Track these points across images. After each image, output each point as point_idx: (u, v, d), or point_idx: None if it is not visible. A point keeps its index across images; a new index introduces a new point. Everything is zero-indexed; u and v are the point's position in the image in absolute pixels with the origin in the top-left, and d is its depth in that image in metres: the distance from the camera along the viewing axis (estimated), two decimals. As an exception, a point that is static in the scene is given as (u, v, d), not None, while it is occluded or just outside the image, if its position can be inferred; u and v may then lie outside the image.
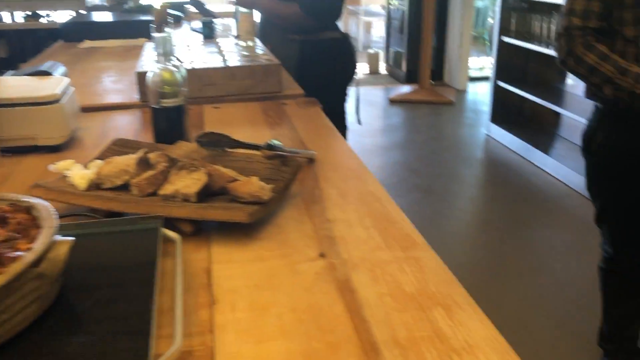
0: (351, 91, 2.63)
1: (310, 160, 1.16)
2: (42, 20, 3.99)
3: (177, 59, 1.15)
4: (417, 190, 3.51)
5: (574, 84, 3.84)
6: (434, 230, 3.03)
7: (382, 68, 6.85)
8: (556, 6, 3.50)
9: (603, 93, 1.52)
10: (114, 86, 1.90)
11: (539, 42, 3.77)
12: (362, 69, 6.84)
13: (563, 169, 3.50)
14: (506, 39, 4.08)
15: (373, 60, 6.81)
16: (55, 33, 3.05)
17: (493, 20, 4.24)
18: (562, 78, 4.01)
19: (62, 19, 3.47)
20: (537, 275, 2.59)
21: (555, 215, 3.16)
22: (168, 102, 1.08)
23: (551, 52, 3.63)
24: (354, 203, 0.98)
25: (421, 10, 5.46)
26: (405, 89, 5.77)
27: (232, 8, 2.50)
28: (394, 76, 6.51)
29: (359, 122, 2.61)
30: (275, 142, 0.98)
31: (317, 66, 2.40)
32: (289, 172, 0.98)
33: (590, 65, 1.47)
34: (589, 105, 1.70)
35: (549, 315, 2.31)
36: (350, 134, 3.98)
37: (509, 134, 4.13)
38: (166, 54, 1.06)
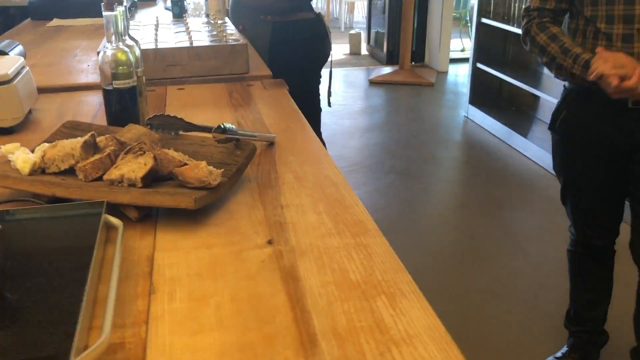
0: (325, 73, 2.60)
1: (270, 144, 1.14)
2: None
3: (132, 38, 1.12)
4: (395, 172, 3.50)
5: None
6: (411, 213, 3.02)
7: (364, 49, 6.79)
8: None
9: (553, 72, 1.54)
10: (79, 66, 1.85)
11: (518, 24, 3.75)
12: (343, 49, 6.78)
13: (540, 151, 3.50)
14: (485, 21, 4.06)
15: (354, 41, 6.76)
16: (26, 11, 2.96)
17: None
18: (541, 60, 4.00)
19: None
20: (510, 257, 2.61)
21: (531, 198, 3.18)
22: (120, 84, 1.04)
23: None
24: (309, 188, 0.96)
25: (402, -9, 5.41)
26: (385, 70, 5.74)
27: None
28: (375, 57, 6.46)
29: (329, 104, 2.58)
30: (228, 125, 0.95)
31: (289, 47, 2.36)
32: (243, 156, 0.95)
33: (541, 45, 1.51)
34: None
35: (520, 297, 2.33)
36: (329, 115, 3.95)
37: (487, 116, 4.13)
38: (118, 33, 1.03)
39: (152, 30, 1.88)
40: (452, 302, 2.29)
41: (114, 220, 0.79)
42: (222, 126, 0.94)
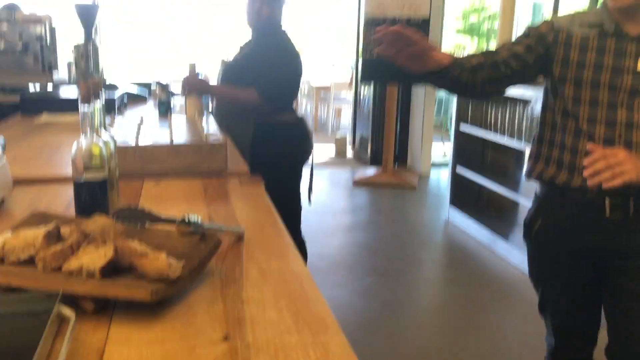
0: (306, 172, 2.65)
1: (239, 238, 1.14)
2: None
3: (108, 133, 1.15)
4: (375, 273, 3.47)
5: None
6: (391, 315, 2.96)
7: (349, 151, 6.98)
8: (511, 98, 3.65)
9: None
10: (58, 159, 1.88)
11: (495, 130, 3.90)
12: (329, 152, 6.97)
13: (518, 255, 3.51)
14: (464, 127, 4.21)
15: (340, 144, 6.95)
16: (17, 107, 3.04)
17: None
18: (519, 166, 4.12)
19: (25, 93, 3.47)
20: (492, 364, 2.53)
21: (511, 302, 3.14)
22: (91, 177, 1.06)
23: (507, 140, 3.75)
24: (273, 283, 0.95)
25: (385, 100, 5.65)
26: (370, 171, 5.86)
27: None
28: (359, 159, 6.62)
29: (310, 202, 2.61)
30: (193, 217, 0.96)
31: (271, 147, 2.43)
32: (207, 249, 0.95)
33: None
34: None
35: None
36: (312, 214, 3.97)
37: (467, 219, 4.17)
38: (93, 126, 1.05)
39: (136, 127, 1.93)
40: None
41: (67, 311, 0.77)
42: (187, 219, 0.95)
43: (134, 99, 3.32)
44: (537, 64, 1.53)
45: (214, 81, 2.67)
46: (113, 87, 3.08)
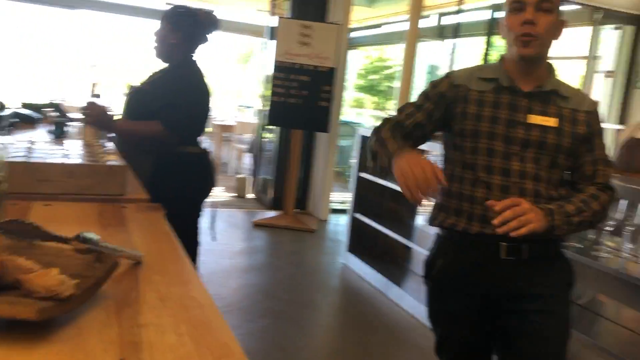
0: (208, 208, 2.58)
1: (137, 263, 1.07)
2: None
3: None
4: (271, 316, 3.41)
5: (425, 222, 4.10)
6: (283, 357, 2.91)
7: (250, 193, 6.93)
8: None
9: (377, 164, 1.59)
10: None
11: (393, 179, 4.04)
12: (229, 192, 6.88)
13: (412, 301, 3.61)
14: (364, 175, 4.34)
15: (241, 185, 6.90)
16: None
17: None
18: (414, 214, 4.28)
19: None
20: (382, 408, 2.54)
21: (404, 347, 3.20)
22: (-25, 186, 0.96)
23: (403, 189, 3.89)
24: (172, 308, 0.90)
25: (289, 144, 5.71)
26: (270, 214, 5.84)
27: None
28: (260, 201, 6.59)
29: (214, 238, 2.54)
30: (90, 235, 0.90)
31: (172, 179, 2.35)
32: (102, 269, 0.89)
33: (383, 138, 1.55)
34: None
35: None
36: (209, 254, 3.87)
37: (364, 264, 4.25)
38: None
39: (27, 145, 1.80)
40: None
41: None
42: (83, 236, 0.88)
43: (26, 121, 3.11)
44: (438, 125, 1.63)
45: (116, 106, 2.58)
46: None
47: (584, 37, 6.08)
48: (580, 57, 6.26)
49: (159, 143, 2.36)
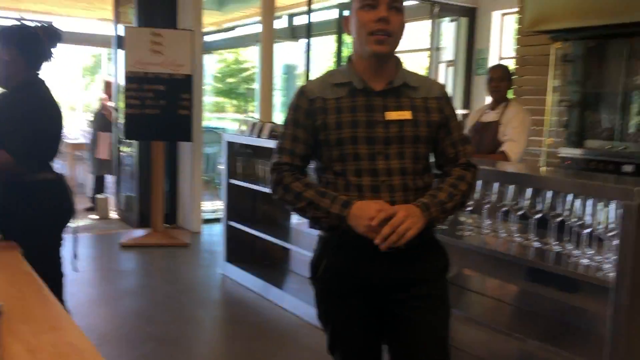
0: (68, 236, 2.39)
1: (-4, 314, 0.95)
2: None
3: None
4: (152, 340, 3.24)
5: (299, 221, 4.13)
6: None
7: (113, 213, 6.55)
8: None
9: (307, 216, 1.63)
10: None
11: (264, 183, 4.02)
12: (90, 214, 6.45)
13: (296, 301, 3.62)
14: (234, 182, 4.28)
15: (102, 206, 6.49)
16: None
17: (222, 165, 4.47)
18: (288, 215, 4.30)
19: None
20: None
21: (292, 349, 3.20)
22: None
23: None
24: (47, 359, 0.80)
25: (150, 156, 5.47)
26: (138, 233, 5.55)
27: None
28: (126, 220, 6.25)
29: (76, 269, 2.36)
30: None
31: (24, 210, 2.15)
32: (-46, 330, 0.77)
33: (297, 191, 1.59)
34: (314, 238, 1.78)
35: None
36: (75, 282, 3.58)
37: (243, 272, 4.19)
38: None
39: None
40: None
41: None
42: None
43: None
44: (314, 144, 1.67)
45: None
46: None
47: (426, 31, 6.50)
48: (424, 50, 6.69)
49: (7, 174, 2.13)
